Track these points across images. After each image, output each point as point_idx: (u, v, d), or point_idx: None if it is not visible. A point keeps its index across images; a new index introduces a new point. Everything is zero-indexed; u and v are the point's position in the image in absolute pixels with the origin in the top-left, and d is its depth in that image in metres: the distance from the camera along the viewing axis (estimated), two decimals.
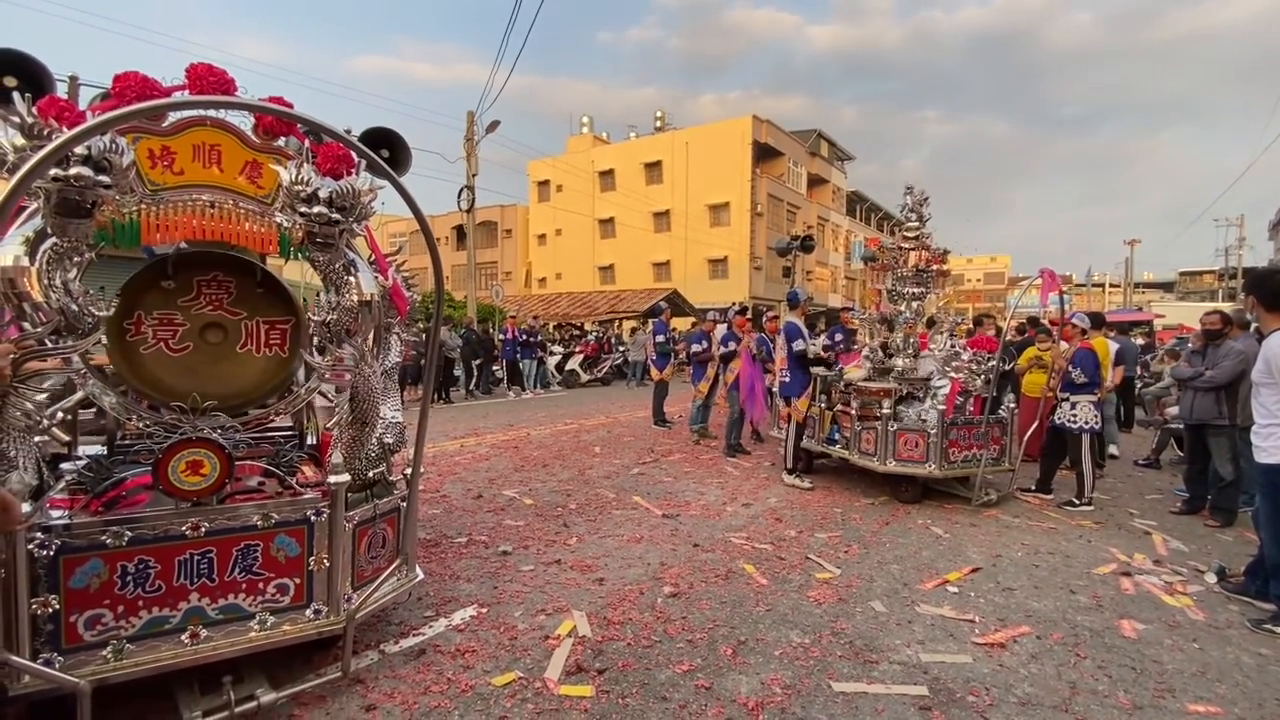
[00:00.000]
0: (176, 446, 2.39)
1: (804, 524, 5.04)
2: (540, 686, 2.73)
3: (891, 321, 6.35)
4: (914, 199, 6.33)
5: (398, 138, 3.19)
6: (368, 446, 2.93)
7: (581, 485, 6.25)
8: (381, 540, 2.97)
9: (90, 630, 2.24)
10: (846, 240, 41.29)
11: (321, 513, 2.61)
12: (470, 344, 14.32)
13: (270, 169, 2.62)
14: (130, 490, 2.64)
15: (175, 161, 2.50)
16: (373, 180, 2.61)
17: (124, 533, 2.27)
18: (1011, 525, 5.17)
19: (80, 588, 2.22)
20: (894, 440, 5.67)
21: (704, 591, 3.74)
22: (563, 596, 3.64)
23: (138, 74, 2.47)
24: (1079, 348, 5.82)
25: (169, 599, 2.35)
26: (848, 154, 43.10)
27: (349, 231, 2.63)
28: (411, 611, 3.40)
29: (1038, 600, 3.71)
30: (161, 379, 2.67)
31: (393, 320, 3.12)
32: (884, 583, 3.93)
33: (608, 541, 4.61)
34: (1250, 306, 3.93)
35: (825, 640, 3.19)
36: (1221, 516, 5.24)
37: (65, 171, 2.04)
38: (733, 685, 2.76)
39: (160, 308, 2.71)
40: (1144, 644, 3.22)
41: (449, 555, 4.26)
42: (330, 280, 2.65)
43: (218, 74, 2.55)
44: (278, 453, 3.27)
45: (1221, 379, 5.08)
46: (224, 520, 2.44)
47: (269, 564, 2.53)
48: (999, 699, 2.70)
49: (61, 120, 2.22)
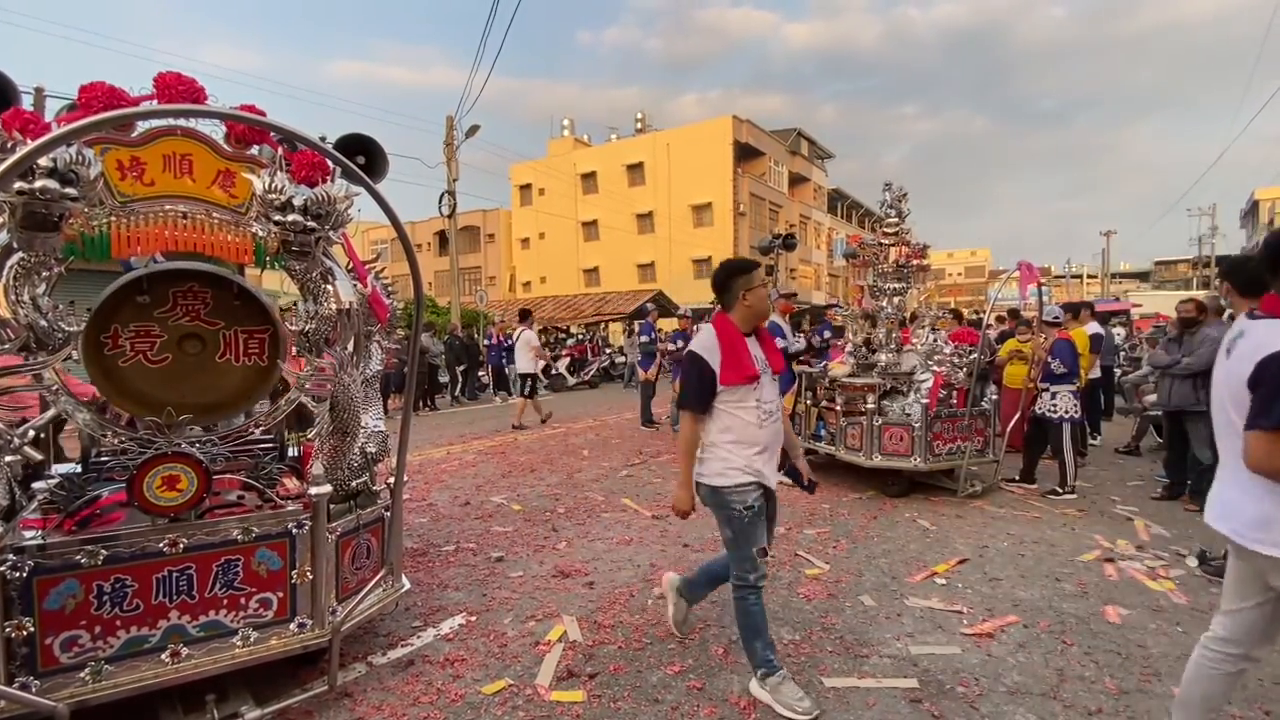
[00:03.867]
0: (152, 462, 2.34)
1: (792, 520, 5.05)
2: (531, 693, 2.71)
3: (874, 317, 6.40)
4: (893, 195, 6.39)
5: (374, 144, 3.15)
6: (350, 456, 2.90)
7: (570, 489, 6.23)
8: (366, 551, 2.93)
9: (67, 652, 2.19)
10: (829, 237, 41.56)
11: (303, 525, 2.57)
12: (454, 350, 14.23)
13: (243, 178, 2.58)
14: (105, 508, 2.58)
15: (145, 172, 2.45)
16: (348, 187, 2.58)
17: (99, 551, 2.23)
18: (997, 516, 5.22)
19: (55, 609, 2.17)
20: (879, 435, 5.71)
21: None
22: (552, 602, 3.62)
23: (104, 84, 2.42)
24: (1057, 338, 5.91)
25: (148, 618, 2.31)
26: (828, 152, 43.44)
27: (325, 239, 2.60)
28: (399, 622, 3.37)
29: (1024, 589, 3.75)
30: (143, 390, 2.62)
31: (373, 328, 3.09)
32: (873, 576, 3.95)
33: (597, 545, 4.60)
34: (1225, 293, 4.00)
35: (815, 636, 3.19)
36: (1201, 501, 5.28)
37: (30, 184, 2.00)
38: (725, 685, 2.76)
39: (136, 320, 2.66)
40: (1129, 629, 3.26)
41: (436, 564, 4.22)
42: (308, 289, 2.62)
43: (187, 82, 2.51)
44: (257, 465, 3.22)
45: (1198, 366, 5.17)
46: (203, 536, 2.40)
47: (251, 579, 2.49)
48: (988, 689, 2.72)
49: (26, 133, 2.17)
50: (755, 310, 2.69)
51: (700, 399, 2.60)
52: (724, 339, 2.59)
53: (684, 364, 2.70)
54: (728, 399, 2.58)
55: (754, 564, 2.61)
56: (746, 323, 2.68)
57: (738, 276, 2.68)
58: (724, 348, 2.57)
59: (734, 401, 2.58)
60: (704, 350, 2.59)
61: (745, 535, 2.61)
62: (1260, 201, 39.02)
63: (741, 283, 2.67)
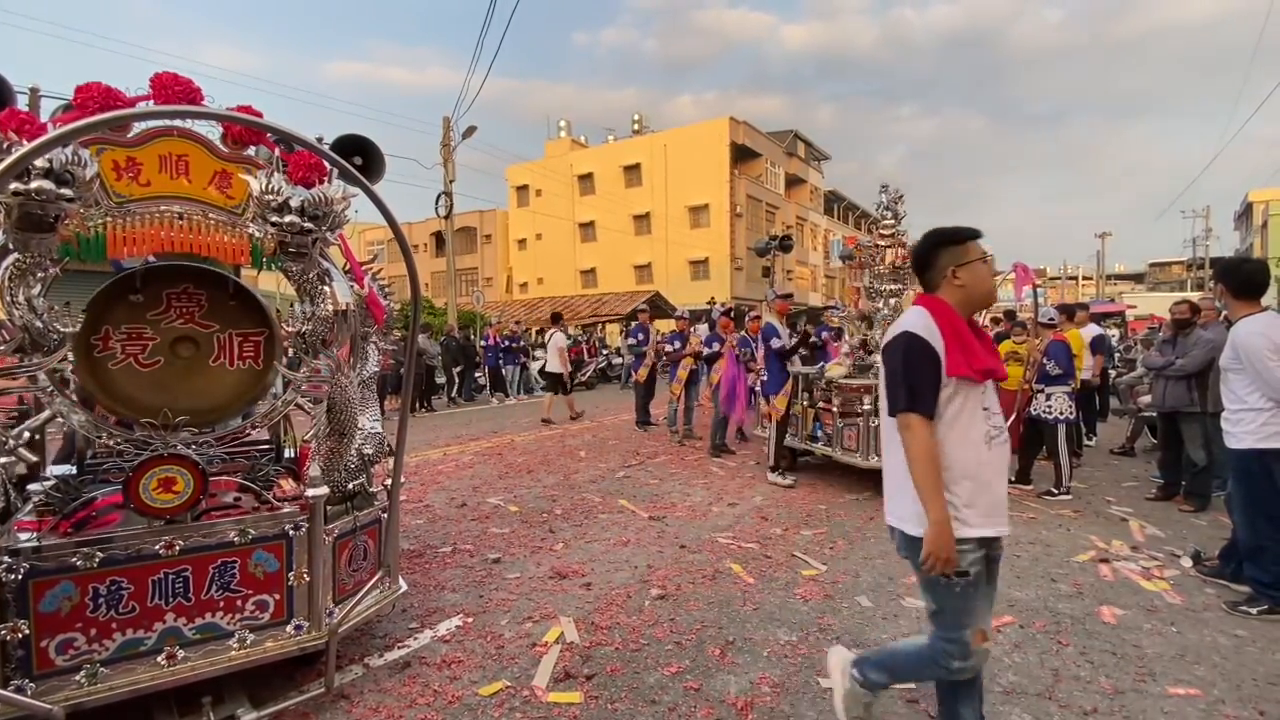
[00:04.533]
0: (148, 464, 2.33)
1: (789, 522, 5.06)
2: (528, 695, 2.71)
3: (871, 319, 6.42)
4: (890, 197, 6.41)
5: (371, 145, 3.15)
6: (346, 458, 2.89)
7: (567, 490, 6.22)
8: (363, 553, 2.93)
9: (62, 655, 2.18)
10: (825, 239, 41.65)
11: (300, 527, 2.57)
12: (451, 351, 14.21)
13: (240, 179, 2.58)
14: (101, 510, 2.58)
15: (141, 173, 2.45)
16: (345, 188, 2.58)
17: (95, 554, 2.22)
18: None
19: (51, 611, 2.16)
20: (876, 436, 5.72)
21: (691, 593, 3.74)
22: (549, 603, 3.62)
23: (100, 84, 2.42)
24: (1052, 339, 5.93)
25: (143, 620, 2.30)
26: (824, 154, 43.56)
27: (322, 241, 2.59)
28: (396, 624, 3.36)
29: (1020, 589, 3.76)
30: (132, 395, 2.61)
31: (369, 329, 3.08)
32: (869, 577, 3.96)
33: (594, 546, 4.59)
34: (1219, 295, 4.03)
35: (813, 637, 3.20)
36: (1196, 502, 5.35)
37: (26, 185, 1.99)
38: (722, 686, 2.76)
39: (128, 322, 2.65)
40: (1124, 629, 3.27)
41: (433, 565, 4.22)
42: (304, 290, 2.61)
43: (183, 83, 2.51)
44: (254, 467, 3.21)
45: (1191, 367, 5.19)
46: (199, 538, 2.40)
47: (247, 581, 2.48)
48: (984, 689, 2.72)
49: (22, 133, 2.16)
50: (972, 293, 2.04)
51: (931, 392, 1.93)
52: (942, 319, 1.98)
53: (896, 351, 1.99)
54: (945, 400, 1.96)
55: (964, 649, 1.96)
56: (961, 310, 2.04)
57: (943, 249, 2.07)
58: (944, 329, 1.95)
59: (954, 406, 1.96)
60: (922, 329, 1.96)
61: (957, 609, 1.96)
62: (1254, 203, 39.24)
63: (949, 256, 2.05)
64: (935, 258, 2.09)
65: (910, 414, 1.93)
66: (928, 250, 2.11)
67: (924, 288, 2.16)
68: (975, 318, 2.04)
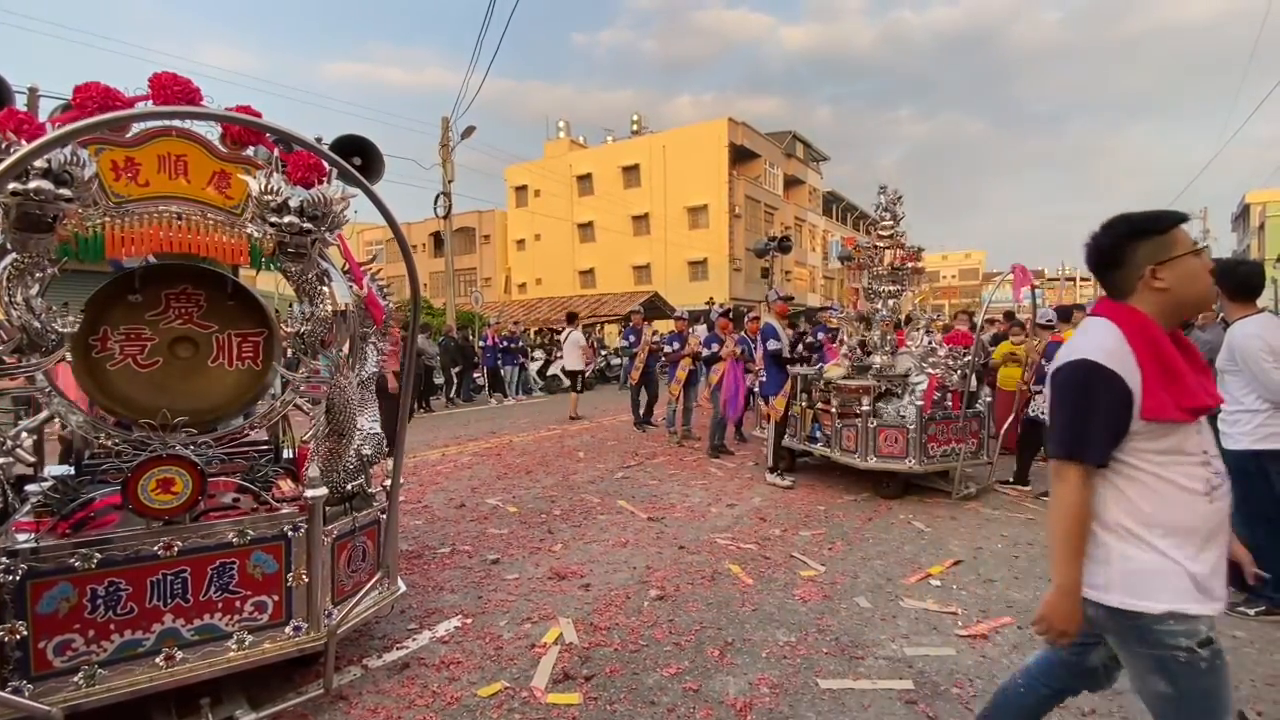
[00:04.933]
0: (146, 464, 2.33)
1: (788, 522, 5.06)
2: (527, 696, 2.71)
3: (869, 319, 6.43)
4: (888, 198, 6.42)
5: (370, 145, 3.16)
6: (345, 458, 2.89)
7: (566, 491, 6.22)
8: (362, 553, 2.93)
9: (60, 656, 2.18)
10: (824, 240, 41.70)
11: (299, 528, 2.56)
12: (449, 352, 14.20)
13: (239, 179, 2.58)
14: (99, 511, 2.57)
15: (140, 173, 2.45)
16: (344, 188, 2.58)
17: (93, 555, 2.21)
18: (991, 518, 5.25)
19: (49, 613, 2.16)
20: (874, 437, 5.72)
21: (690, 593, 3.74)
22: (548, 604, 3.62)
23: (99, 84, 2.42)
24: (1050, 341, 5.94)
25: (142, 621, 2.30)
26: (823, 155, 43.59)
27: (321, 241, 2.59)
28: (394, 625, 3.36)
29: (1018, 590, 3.77)
30: (130, 395, 2.61)
31: (368, 330, 3.08)
32: (868, 578, 3.96)
33: (593, 547, 4.59)
34: (1216, 296, 4.03)
35: (811, 638, 3.20)
36: None
37: (24, 185, 1.99)
38: (721, 687, 2.76)
39: (127, 322, 2.65)
40: None
41: (432, 566, 4.21)
42: (303, 291, 2.60)
43: (182, 83, 2.51)
44: (252, 468, 3.21)
45: None
46: (198, 539, 2.39)
47: (246, 582, 2.48)
48: (982, 690, 2.72)
49: (20, 133, 2.16)
50: (1180, 298, 1.55)
51: (1105, 439, 1.51)
52: (1140, 340, 1.50)
53: (1067, 383, 1.56)
54: (1147, 446, 1.50)
55: None
56: (1165, 320, 1.56)
57: (1140, 240, 1.57)
58: (1142, 355, 1.49)
59: (1159, 452, 1.49)
60: (1108, 357, 1.49)
61: (1199, 697, 1.50)
62: (1251, 205, 39.33)
63: (1148, 250, 1.55)
64: (1129, 253, 1.58)
65: (1069, 464, 1.52)
66: (1117, 242, 1.60)
67: (1108, 292, 1.65)
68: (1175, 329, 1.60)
